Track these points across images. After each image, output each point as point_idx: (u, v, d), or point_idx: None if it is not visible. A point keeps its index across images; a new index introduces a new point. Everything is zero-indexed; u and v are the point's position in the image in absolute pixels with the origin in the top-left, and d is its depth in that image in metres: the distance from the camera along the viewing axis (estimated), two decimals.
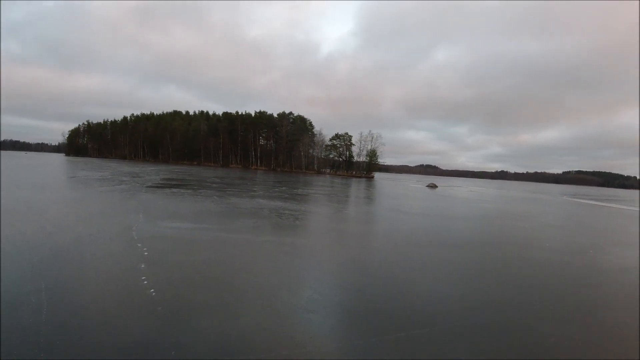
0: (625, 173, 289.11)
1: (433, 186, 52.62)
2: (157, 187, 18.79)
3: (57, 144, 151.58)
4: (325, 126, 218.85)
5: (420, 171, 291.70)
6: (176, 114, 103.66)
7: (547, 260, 7.59)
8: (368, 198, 23.34)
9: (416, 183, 59.50)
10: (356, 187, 37.36)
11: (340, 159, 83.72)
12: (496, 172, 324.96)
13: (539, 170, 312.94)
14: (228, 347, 3.09)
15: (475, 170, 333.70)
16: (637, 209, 29.48)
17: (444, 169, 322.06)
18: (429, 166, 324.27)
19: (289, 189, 25.06)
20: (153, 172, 36.42)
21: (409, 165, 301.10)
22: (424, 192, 33.56)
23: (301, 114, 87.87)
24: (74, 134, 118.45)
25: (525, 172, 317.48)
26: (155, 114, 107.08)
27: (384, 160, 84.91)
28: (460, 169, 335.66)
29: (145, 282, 4.48)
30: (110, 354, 2.87)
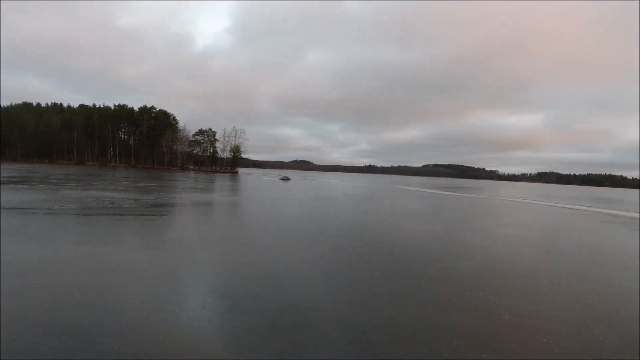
0: (476, 166, 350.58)
1: (286, 179, 59.27)
2: None
3: None
4: (202, 121, 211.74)
5: (294, 166, 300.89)
6: (26, 106, 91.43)
7: (286, 220, 13.21)
8: (203, 189, 27.34)
9: (273, 177, 65.81)
10: (207, 181, 41.10)
11: (205, 155, 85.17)
12: (365, 166, 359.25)
13: (402, 164, 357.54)
14: (39, 264, 7.35)
15: (347, 165, 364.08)
16: (430, 191, 39.98)
17: (317, 164, 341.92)
18: (303, 161, 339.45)
19: (132, 183, 27.78)
20: None
21: (284, 160, 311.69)
22: (269, 184, 39.34)
23: (176, 108, 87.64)
24: None
25: (390, 165, 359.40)
26: (3, 106, 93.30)
27: (248, 155, 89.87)
28: (333, 164, 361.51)
29: None
30: None
